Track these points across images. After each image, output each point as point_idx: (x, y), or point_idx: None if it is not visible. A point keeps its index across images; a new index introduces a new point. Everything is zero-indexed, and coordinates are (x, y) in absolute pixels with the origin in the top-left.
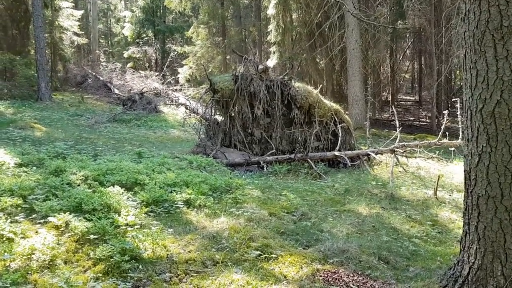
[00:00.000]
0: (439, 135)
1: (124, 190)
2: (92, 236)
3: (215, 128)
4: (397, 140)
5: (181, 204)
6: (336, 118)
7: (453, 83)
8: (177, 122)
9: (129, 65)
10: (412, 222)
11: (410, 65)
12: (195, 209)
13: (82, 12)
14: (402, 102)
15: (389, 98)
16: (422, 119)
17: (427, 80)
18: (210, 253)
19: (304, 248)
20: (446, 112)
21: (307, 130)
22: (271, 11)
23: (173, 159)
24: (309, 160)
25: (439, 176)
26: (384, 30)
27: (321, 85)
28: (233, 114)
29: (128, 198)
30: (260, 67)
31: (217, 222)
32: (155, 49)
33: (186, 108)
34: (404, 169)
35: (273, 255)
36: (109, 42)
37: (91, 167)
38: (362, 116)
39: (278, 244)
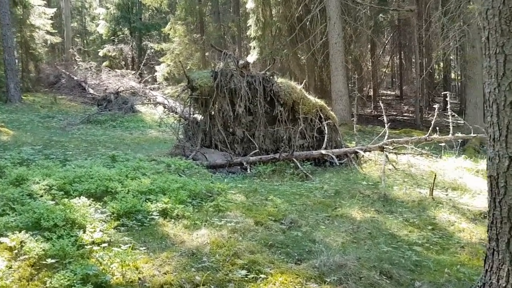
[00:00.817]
0: (429, 130)
1: (93, 201)
2: (49, 260)
3: (194, 128)
4: (386, 137)
5: (157, 215)
6: (321, 114)
7: (434, 77)
8: (154, 122)
9: (104, 64)
10: (410, 226)
11: (390, 59)
12: (173, 220)
13: (54, 10)
14: (383, 97)
15: (371, 93)
16: (405, 114)
17: (408, 74)
18: (189, 274)
19: (296, 263)
20: (436, 106)
21: (291, 128)
22: (250, 4)
23: (149, 162)
24: (295, 160)
25: (435, 176)
26: (366, 24)
27: (304, 81)
28: (213, 112)
29: (96, 209)
30: (241, 62)
31: (197, 235)
32: (131, 47)
33: (164, 107)
34: (394, 167)
35: (262, 275)
36: (85, 41)
37: (57, 175)
38: (346, 112)
39: (266, 259)
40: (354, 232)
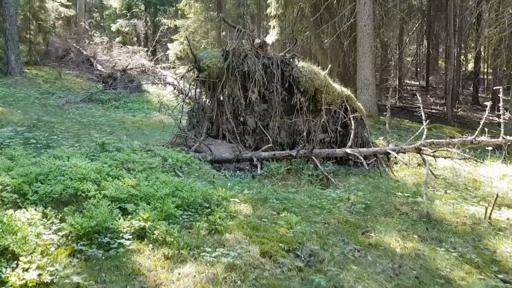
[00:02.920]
0: (477, 131)
1: (51, 210)
2: None
3: (199, 115)
4: (423, 136)
5: (130, 237)
6: (347, 106)
7: (464, 68)
8: (163, 103)
9: (117, 39)
10: (466, 264)
11: (416, 48)
12: (151, 245)
13: None
14: (408, 87)
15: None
16: (432, 106)
17: (434, 64)
18: None
19: None
20: (488, 104)
21: (311, 120)
22: None
23: (142, 154)
24: (314, 158)
25: (496, 196)
26: (400, 6)
27: (329, 66)
28: (222, 98)
29: (49, 226)
30: (257, 41)
31: (179, 274)
32: (145, 22)
33: (174, 88)
34: (432, 173)
35: None
36: (102, 15)
37: (20, 169)
38: (372, 103)
39: None
40: (395, 275)
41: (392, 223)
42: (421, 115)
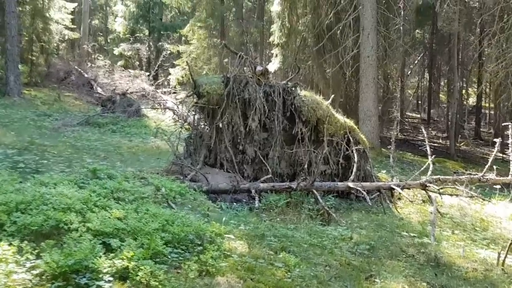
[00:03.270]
0: (485, 168)
1: (29, 244)
2: None
3: (197, 142)
4: (429, 172)
5: (111, 279)
6: (350, 137)
7: (465, 102)
8: (160, 129)
9: (119, 63)
10: None
11: (419, 81)
12: None
13: (75, 5)
14: (408, 120)
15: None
16: (434, 140)
17: (435, 97)
18: None
19: None
20: (497, 140)
21: (313, 151)
22: (275, 7)
23: (135, 182)
24: (315, 192)
25: (511, 243)
26: (403, 38)
27: (332, 96)
28: (221, 125)
29: (23, 263)
30: (259, 68)
31: None
32: (148, 47)
33: (174, 114)
34: (438, 211)
35: None
36: (106, 39)
37: (1, 197)
38: (374, 135)
39: None
40: None
41: (398, 267)
42: (426, 149)
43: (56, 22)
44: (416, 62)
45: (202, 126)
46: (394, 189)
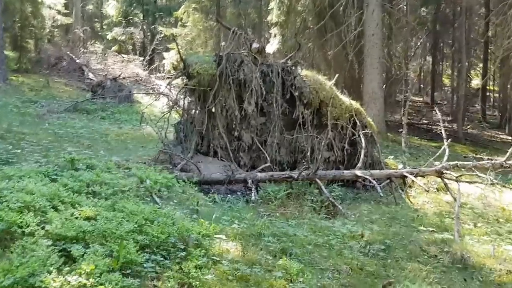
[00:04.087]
0: (508, 153)
1: None
2: None
3: (188, 128)
4: (445, 158)
5: None
6: (357, 121)
7: (468, 85)
8: (153, 115)
9: (113, 48)
10: None
11: (420, 63)
12: None
13: None
14: (410, 103)
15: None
16: (438, 123)
17: (439, 80)
18: None
19: None
20: None
21: (315, 136)
22: None
23: (117, 174)
24: (318, 182)
25: None
26: (410, 15)
27: (337, 75)
28: (213, 109)
29: None
30: (255, 45)
31: None
32: (142, 31)
33: (168, 99)
34: (455, 200)
35: None
36: (102, 25)
37: None
38: (380, 118)
39: None
40: None
41: (420, 270)
42: (439, 133)
43: (48, 7)
44: (419, 44)
45: (193, 110)
46: (406, 177)
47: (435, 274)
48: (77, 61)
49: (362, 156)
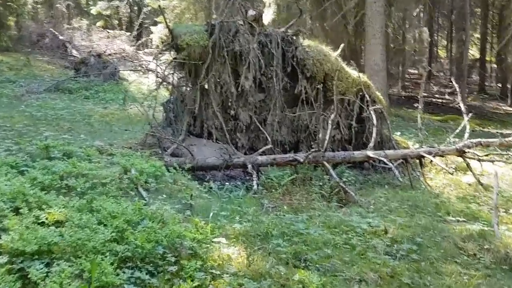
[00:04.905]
0: None
1: None
2: None
3: (178, 108)
4: (466, 135)
5: None
6: (366, 95)
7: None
8: (141, 93)
9: (98, 23)
10: None
11: (418, 33)
12: None
13: None
14: (407, 76)
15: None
16: (436, 96)
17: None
18: None
19: None
20: None
21: (320, 114)
22: None
23: (98, 162)
24: (327, 164)
25: None
26: None
27: (342, 44)
28: (206, 86)
29: None
30: (251, 13)
31: None
32: (127, 3)
33: (157, 76)
34: (480, 182)
35: None
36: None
37: None
38: (383, 92)
39: None
40: None
41: (461, 275)
42: (441, 105)
43: None
44: (415, 14)
45: (184, 87)
46: (424, 157)
47: (478, 279)
48: (60, 37)
49: (374, 134)
